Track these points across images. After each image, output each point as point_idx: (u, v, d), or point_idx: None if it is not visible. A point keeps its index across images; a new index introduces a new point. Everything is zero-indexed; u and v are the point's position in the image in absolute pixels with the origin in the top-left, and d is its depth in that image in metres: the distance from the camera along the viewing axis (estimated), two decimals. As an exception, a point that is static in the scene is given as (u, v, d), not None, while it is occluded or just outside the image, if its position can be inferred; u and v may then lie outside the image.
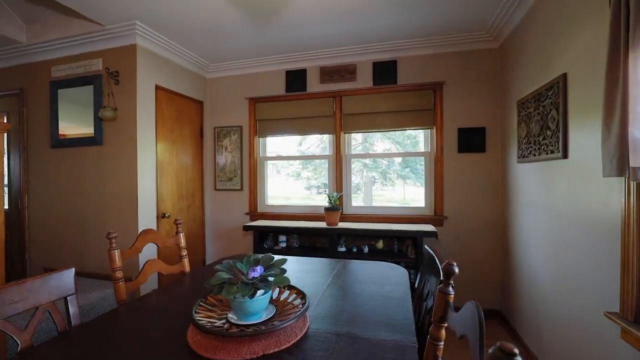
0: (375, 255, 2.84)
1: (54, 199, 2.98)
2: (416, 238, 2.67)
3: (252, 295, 1.02)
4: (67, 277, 1.18)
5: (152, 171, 2.85)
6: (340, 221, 3.10)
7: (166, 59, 2.98)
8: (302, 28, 2.66)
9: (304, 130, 3.33)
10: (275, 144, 3.63)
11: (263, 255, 1.22)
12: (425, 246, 1.47)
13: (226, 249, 3.60)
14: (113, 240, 1.39)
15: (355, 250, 2.94)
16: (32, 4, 2.63)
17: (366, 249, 2.90)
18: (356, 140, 3.39)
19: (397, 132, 3.21)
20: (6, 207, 3.22)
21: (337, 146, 3.23)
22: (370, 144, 3.38)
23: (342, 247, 2.95)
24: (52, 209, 2.99)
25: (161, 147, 2.97)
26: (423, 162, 3.09)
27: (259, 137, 3.51)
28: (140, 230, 2.70)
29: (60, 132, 2.91)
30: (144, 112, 2.75)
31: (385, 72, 3.05)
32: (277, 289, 1.28)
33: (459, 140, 2.88)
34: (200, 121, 3.53)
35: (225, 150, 3.56)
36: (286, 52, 3.18)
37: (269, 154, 3.60)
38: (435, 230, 2.63)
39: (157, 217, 2.91)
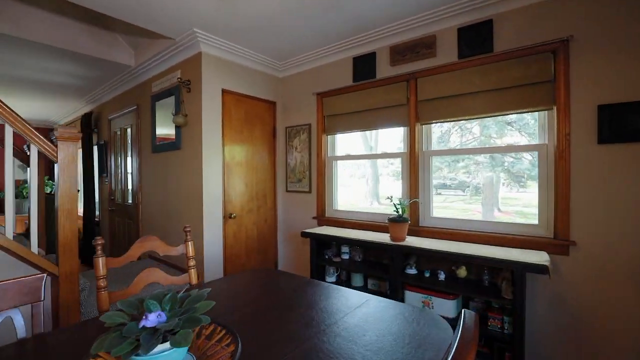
0: (454, 285, 2.12)
1: (153, 196, 3.47)
2: (515, 271, 1.83)
3: (129, 354, 0.73)
4: (35, 283, 1.17)
5: (219, 172, 2.93)
6: (412, 235, 2.48)
7: (233, 63, 3.02)
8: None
9: (373, 124, 2.83)
10: (381, 141, 3.15)
11: (195, 293, 0.91)
12: (465, 310, 0.85)
13: (297, 253, 3.45)
14: (98, 248, 1.35)
15: (428, 275, 2.28)
16: (120, 31, 3.09)
17: (442, 276, 2.21)
18: (473, 135, 2.62)
19: (526, 116, 2.29)
20: (130, 201, 3.97)
21: (412, 141, 2.60)
22: (486, 137, 2.55)
23: (411, 268, 2.34)
24: (153, 205, 3.48)
25: (229, 149, 3.03)
26: (537, 160, 2.14)
27: (327, 135, 3.21)
28: (205, 230, 2.81)
29: (157, 138, 3.35)
30: (210, 115, 2.84)
31: (475, 38, 2.25)
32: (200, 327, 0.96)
33: (600, 124, 1.83)
34: (272, 121, 3.49)
35: (295, 150, 3.41)
36: (352, 35, 2.76)
37: (380, 151, 3.17)
38: (545, 263, 1.73)
39: (224, 217, 2.99)
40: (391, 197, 2.42)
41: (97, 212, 4.71)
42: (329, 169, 3.20)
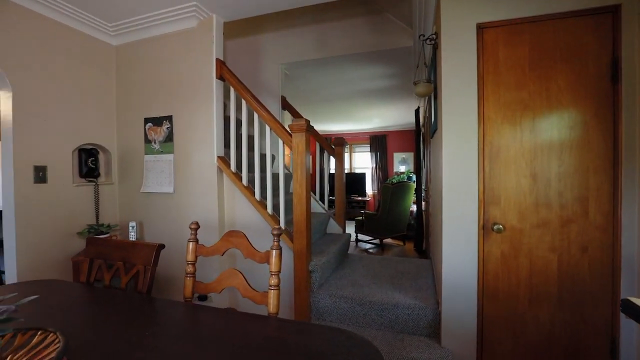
0: None
1: (433, 189, 2.96)
2: None
3: None
4: (149, 250, 1.36)
5: (471, 157, 1.91)
6: None
7: (498, -27, 1.81)
8: None
9: None
10: None
11: None
12: None
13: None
14: (192, 232, 1.32)
15: None
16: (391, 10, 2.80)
17: None
18: None
19: None
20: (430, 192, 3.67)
21: None
22: None
23: None
24: (434, 198, 2.98)
25: (492, 120, 1.88)
26: None
27: None
28: (445, 242, 1.96)
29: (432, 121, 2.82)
30: (454, 72, 1.92)
31: None
32: None
33: None
34: (604, 52, 1.69)
35: (671, 99, 1.42)
36: None
37: None
38: None
39: (482, 227, 1.90)
40: None
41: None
42: None
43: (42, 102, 2.34)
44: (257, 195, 2.45)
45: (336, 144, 3.42)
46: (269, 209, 2.43)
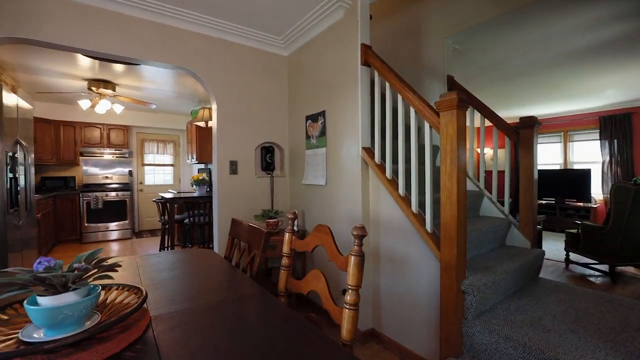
0: None
1: None
2: None
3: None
4: (260, 236, 1.37)
5: None
6: None
7: None
8: None
9: None
10: None
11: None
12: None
13: None
14: (290, 222, 1.22)
15: None
16: None
17: None
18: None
19: None
20: None
21: None
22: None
23: None
24: None
25: None
26: None
27: None
28: None
29: None
30: None
31: None
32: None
33: None
34: None
35: None
36: None
37: None
38: None
39: None
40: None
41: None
42: None
43: (234, 110, 2.96)
44: (401, 190, 2.13)
45: (521, 126, 2.52)
46: (414, 207, 2.05)
